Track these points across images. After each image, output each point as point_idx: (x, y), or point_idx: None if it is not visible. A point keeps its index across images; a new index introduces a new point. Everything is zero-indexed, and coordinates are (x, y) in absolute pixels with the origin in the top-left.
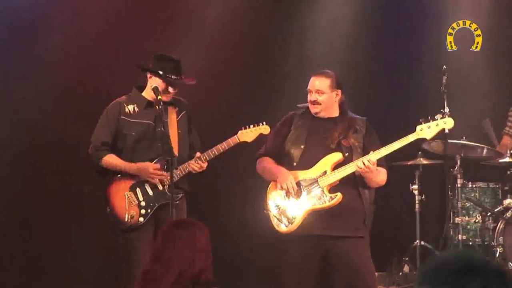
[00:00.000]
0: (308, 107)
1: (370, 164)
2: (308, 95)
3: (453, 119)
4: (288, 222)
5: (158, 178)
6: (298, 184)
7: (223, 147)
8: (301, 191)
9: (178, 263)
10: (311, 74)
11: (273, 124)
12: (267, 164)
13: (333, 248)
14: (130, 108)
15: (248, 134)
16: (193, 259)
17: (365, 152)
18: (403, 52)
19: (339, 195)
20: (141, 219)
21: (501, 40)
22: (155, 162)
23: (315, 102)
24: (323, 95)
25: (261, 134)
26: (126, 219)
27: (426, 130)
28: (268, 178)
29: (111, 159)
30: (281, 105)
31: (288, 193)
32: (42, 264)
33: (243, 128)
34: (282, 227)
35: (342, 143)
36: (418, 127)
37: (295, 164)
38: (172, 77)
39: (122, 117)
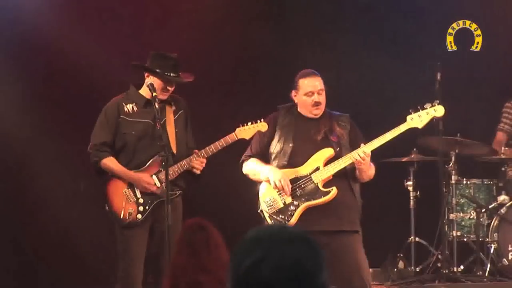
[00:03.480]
0: (290, 107)
1: (365, 156)
2: (307, 98)
3: (444, 108)
4: (284, 220)
5: (150, 190)
6: (291, 181)
7: (221, 144)
8: (295, 189)
9: (221, 270)
10: (301, 76)
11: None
12: (255, 165)
13: (329, 243)
14: (129, 107)
15: (246, 131)
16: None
17: (352, 146)
18: (400, 50)
19: (334, 189)
20: (139, 216)
21: (498, 38)
22: (153, 159)
23: (319, 104)
24: (323, 93)
25: (259, 131)
26: (124, 216)
27: (417, 119)
28: (257, 179)
29: (110, 163)
30: (278, 103)
31: (282, 191)
32: (40, 261)
33: (241, 125)
34: None
35: (331, 139)
36: (409, 117)
37: (285, 162)
38: (170, 74)
39: (122, 116)
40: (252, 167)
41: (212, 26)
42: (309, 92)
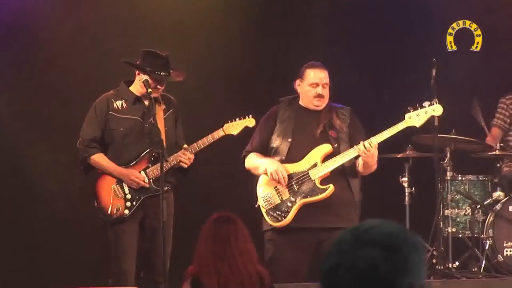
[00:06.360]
0: (291, 100)
1: (371, 147)
2: (311, 88)
3: (442, 106)
4: (281, 216)
5: (136, 185)
6: (288, 177)
7: (208, 140)
8: (292, 184)
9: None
10: (308, 67)
11: (260, 117)
12: (255, 159)
13: (326, 240)
14: (118, 103)
15: (233, 127)
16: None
17: (351, 140)
18: (400, 49)
19: (331, 187)
20: (126, 211)
21: (494, 36)
22: (143, 155)
23: (321, 96)
24: (327, 87)
25: (246, 127)
26: (111, 212)
27: (415, 118)
28: (258, 173)
29: (100, 159)
30: (268, 98)
31: (279, 184)
32: (34, 258)
33: (229, 121)
34: (275, 221)
35: (330, 134)
36: (407, 115)
37: (283, 158)
38: (161, 73)
39: (111, 112)
40: (252, 162)
41: (204, 23)
42: (314, 84)
